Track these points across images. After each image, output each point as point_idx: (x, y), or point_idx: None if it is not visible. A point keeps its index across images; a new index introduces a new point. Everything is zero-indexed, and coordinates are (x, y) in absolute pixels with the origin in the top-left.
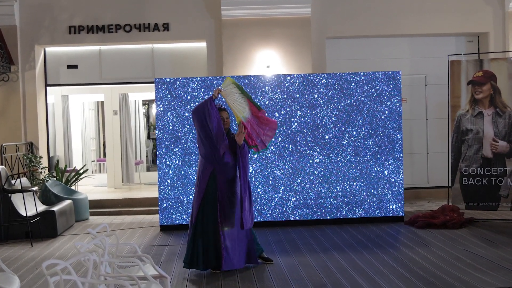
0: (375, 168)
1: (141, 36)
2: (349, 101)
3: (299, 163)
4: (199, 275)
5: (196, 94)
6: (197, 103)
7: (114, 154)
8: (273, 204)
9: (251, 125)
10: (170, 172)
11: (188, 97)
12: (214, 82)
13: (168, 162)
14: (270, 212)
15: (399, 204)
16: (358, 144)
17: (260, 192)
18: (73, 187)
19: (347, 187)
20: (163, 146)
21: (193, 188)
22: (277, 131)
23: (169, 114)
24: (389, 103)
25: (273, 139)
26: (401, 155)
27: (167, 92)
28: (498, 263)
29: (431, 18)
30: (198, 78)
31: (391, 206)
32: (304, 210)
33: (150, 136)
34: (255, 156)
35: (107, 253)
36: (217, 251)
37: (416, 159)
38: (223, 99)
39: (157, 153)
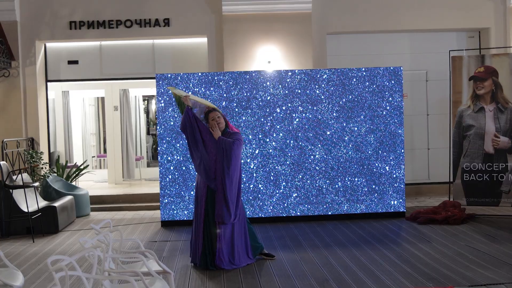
0: (377, 164)
1: (141, 32)
2: (350, 96)
3: (300, 159)
4: (202, 270)
5: (197, 89)
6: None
7: (114, 150)
8: (274, 200)
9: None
10: (172, 167)
11: (189, 93)
12: (216, 78)
13: (169, 158)
14: (271, 208)
15: (401, 200)
16: (360, 140)
17: (262, 188)
18: (73, 183)
19: (348, 182)
20: (164, 141)
21: (194, 184)
22: (278, 127)
23: (170, 109)
24: (390, 98)
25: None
26: (402, 150)
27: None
28: (500, 258)
29: (432, 13)
30: (199, 74)
31: (392, 202)
32: (306, 206)
33: (149, 132)
34: (256, 151)
35: (111, 248)
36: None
37: (417, 154)
38: (193, 101)
39: (158, 148)
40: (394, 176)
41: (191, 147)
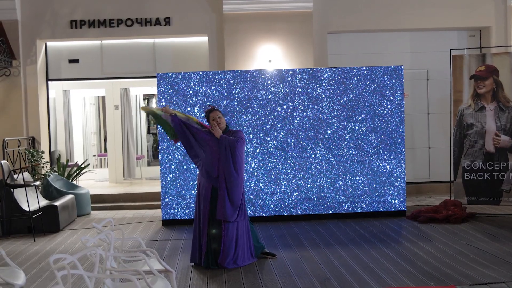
0: (377, 163)
1: (142, 31)
2: (351, 95)
3: (301, 158)
4: (203, 269)
5: (198, 88)
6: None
7: (115, 149)
8: (275, 199)
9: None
10: (172, 166)
11: (190, 92)
12: (216, 77)
13: (170, 157)
14: (272, 206)
15: (401, 199)
16: (360, 139)
17: (263, 187)
18: (74, 182)
19: (349, 181)
20: (165, 140)
21: (195, 183)
22: (279, 126)
23: (170, 108)
24: (391, 97)
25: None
26: (403, 149)
27: (169, 86)
28: (501, 257)
29: (433, 12)
30: (200, 73)
31: (393, 201)
32: (307, 204)
33: (150, 131)
34: (257, 150)
35: (112, 247)
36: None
37: (418, 153)
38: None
39: (159, 147)
40: (395, 175)
41: (188, 151)
